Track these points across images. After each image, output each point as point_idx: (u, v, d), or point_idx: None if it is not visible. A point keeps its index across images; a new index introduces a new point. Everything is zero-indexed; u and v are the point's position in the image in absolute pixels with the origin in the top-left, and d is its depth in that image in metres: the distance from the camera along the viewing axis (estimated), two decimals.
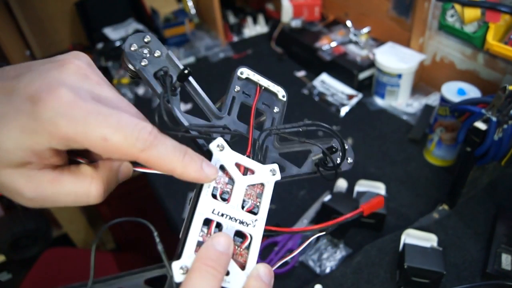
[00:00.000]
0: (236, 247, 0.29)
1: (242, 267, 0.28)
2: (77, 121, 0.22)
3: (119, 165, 0.28)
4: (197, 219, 0.28)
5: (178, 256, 0.26)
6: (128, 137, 0.23)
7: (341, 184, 0.82)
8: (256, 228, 0.30)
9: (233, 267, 0.27)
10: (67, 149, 0.24)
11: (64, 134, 0.22)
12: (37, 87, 0.23)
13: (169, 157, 0.25)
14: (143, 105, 1.17)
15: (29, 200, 0.24)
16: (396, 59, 0.99)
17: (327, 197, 0.74)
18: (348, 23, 1.20)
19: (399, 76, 0.99)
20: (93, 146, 0.23)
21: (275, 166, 0.32)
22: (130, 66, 0.30)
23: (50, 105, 0.22)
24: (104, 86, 0.26)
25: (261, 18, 1.48)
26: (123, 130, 0.23)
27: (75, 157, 0.27)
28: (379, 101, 1.06)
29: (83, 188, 0.25)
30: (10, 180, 0.23)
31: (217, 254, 0.26)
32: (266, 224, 0.31)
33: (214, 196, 0.29)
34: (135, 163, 0.28)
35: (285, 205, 0.81)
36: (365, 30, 1.15)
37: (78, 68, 0.25)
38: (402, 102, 1.05)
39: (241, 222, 0.29)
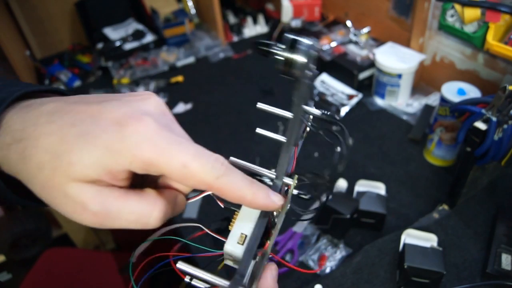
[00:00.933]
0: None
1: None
2: (162, 148, 0.24)
3: (176, 196, 0.29)
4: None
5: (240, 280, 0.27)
6: (204, 165, 0.25)
7: (341, 184, 0.82)
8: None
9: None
10: (144, 173, 0.25)
11: (147, 159, 0.24)
12: (123, 113, 0.25)
13: (239, 185, 0.26)
14: None
15: (93, 215, 0.25)
16: (396, 59, 0.99)
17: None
18: (348, 23, 1.20)
19: (399, 76, 0.99)
20: (172, 172, 0.25)
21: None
22: (302, 59, 0.27)
23: (136, 130, 0.24)
24: (176, 123, 0.29)
25: (261, 18, 1.48)
26: (201, 159, 0.25)
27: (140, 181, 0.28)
28: (379, 101, 1.06)
29: (147, 208, 0.26)
30: (78, 192, 0.24)
31: (274, 284, 0.28)
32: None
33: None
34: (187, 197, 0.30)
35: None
36: (365, 30, 1.15)
37: (158, 103, 0.28)
38: (402, 102, 1.05)
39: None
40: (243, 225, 0.29)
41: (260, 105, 0.33)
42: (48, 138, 0.25)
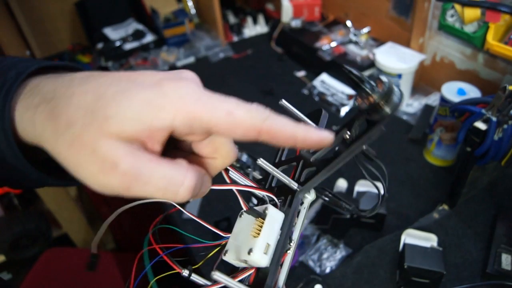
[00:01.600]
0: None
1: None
2: (204, 100, 0.24)
3: (204, 175, 0.27)
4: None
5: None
6: (249, 110, 0.24)
7: (341, 184, 0.82)
8: None
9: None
10: (186, 130, 0.24)
11: (192, 111, 0.23)
12: (161, 77, 0.25)
13: (289, 124, 0.25)
14: None
15: (122, 175, 0.22)
16: (396, 59, 0.99)
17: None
18: (348, 23, 1.20)
19: (399, 76, 0.99)
20: (218, 122, 0.24)
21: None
22: (388, 110, 0.27)
23: (177, 87, 0.24)
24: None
25: (261, 18, 1.48)
26: (244, 105, 0.24)
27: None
28: None
29: (179, 175, 0.24)
30: (110, 148, 0.22)
31: None
32: None
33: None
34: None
35: None
36: (365, 30, 1.15)
37: (193, 74, 0.27)
38: (402, 102, 1.04)
39: None
40: (269, 234, 0.29)
41: (283, 102, 0.33)
42: (83, 96, 0.23)
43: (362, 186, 0.79)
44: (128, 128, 0.23)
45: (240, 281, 0.27)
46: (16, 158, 0.25)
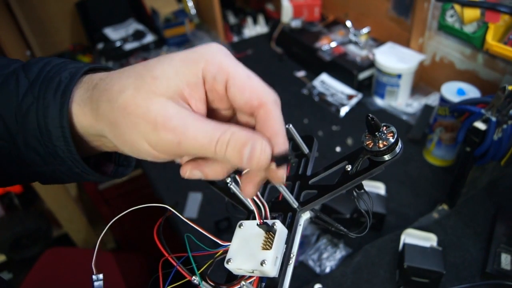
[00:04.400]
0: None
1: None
2: (231, 60, 0.27)
3: (256, 137, 0.28)
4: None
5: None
6: (266, 86, 0.28)
7: None
8: None
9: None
10: (213, 80, 0.27)
11: (219, 61, 0.26)
12: (190, 50, 0.28)
13: (281, 120, 0.28)
14: None
15: (172, 131, 0.25)
16: (396, 59, 0.99)
17: None
18: (348, 23, 1.20)
19: (399, 76, 0.99)
20: (240, 78, 0.27)
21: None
22: (388, 157, 0.33)
23: (208, 46, 0.27)
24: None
25: (261, 18, 1.48)
26: (258, 79, 0.28)
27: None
28: (379, 101, 1.07)
29: (220, 132, 0.25)
30: (162, 106, 0.25)
31: None
32: None
33: None
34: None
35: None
36: (365, 30, 1.15)
37: (219, 45, 0.29)
38: (402, 102, 1.05)
39: None
40: (278, 248, 0.31)
41: (291, 127, 0.36)
42: (132, 69, 0.28)
43: None
44: (172, 84, 0.26)
45: None
46: (69, 152, 0.29)
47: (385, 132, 0.32)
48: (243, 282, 0.30)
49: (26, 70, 0.30)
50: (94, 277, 0.31)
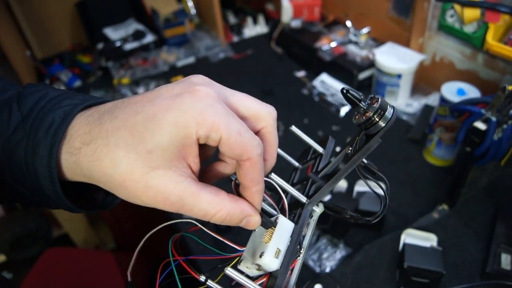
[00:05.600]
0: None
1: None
2: (221, 114, 0.26)
3: (246, 211, 0.31)
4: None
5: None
6: (254, 139, 0.28)
7: (341, 184, 0.82)
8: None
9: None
10: (205, 140, 0.27)
11: (211, 122, 0.26)
12: (179, 89, 0.27)
13: (261, 174, 0.29)
14: None
15: (171, 204, 0.27)
16: (396, 59, 0.99)
17: (327, 197, 0.75)
18: (348, 23, 1.20)
19: (399, 76, 0.99)
20: (230, 137, 0.26)
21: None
22: (382, 123, 0.31)
23: (196, 100, 0.26)
24: (224, 87, 0.31)
25: (261, 18, 1.48)
26: (252, 133, 0.28)
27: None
28: None
29: (214, 209, 0.28)
30: (160, 182, 0.26)
31: None
32: None
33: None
34: None
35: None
36: (365, 30, 1.15)
37: (203, 76, 0.30)
38: (402, 102, 1.05)
39: None
40: (279, 240, 0.31)
41: (294, 129, 0.37)
42: (117, 133, 0.26)
43: (362, 186, 0.79)
44: (168, 154, 0.26)
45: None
46: (55, 192, 0.28)
47: (369, 101, 0.31)
48: (228, 269, 0.29)
49: (20, 102, 0.29)
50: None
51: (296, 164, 0.41)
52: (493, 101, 0.60)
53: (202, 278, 0.30)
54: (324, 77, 1.15)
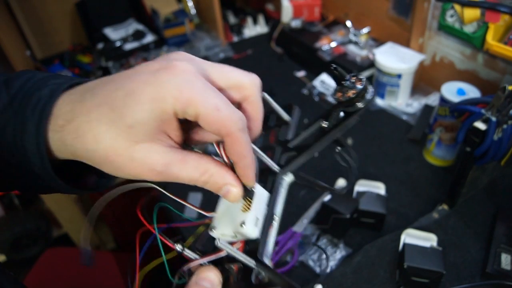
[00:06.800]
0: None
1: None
2: (198, 89, 0.26)
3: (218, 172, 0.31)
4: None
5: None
6: (234, 113, 0.27)
7: (341, 184, 0.82)
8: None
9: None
10: (183, 115, 0.27)
11: (187, 98, 0.26)
12: (158, 65, 0.27)
13: (249, 146, 0.29)
14: None
15: (157, 174, 0.28)
16: (396, 59, 0.99)
17: (327, 197, 0.75)
18: (348, 23, 1.20)
19: (399, 76, 0.99)
20: (207, 113, 0.26)
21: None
22: (361, 105, 0.33)
23: (174, 75, 0.26)
24: (206, 61, 0.31)
25: (261, 18, 1.48)
26: (231, 107, 0.27)
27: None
28: (379, 101, 1.07)
29: (197, 175, 0.29)
30: (145, 154, 0.27)
31: None
32: None
33: None
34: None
35: (285, 205, 0.81)
36: (365, 30, 1.15)
37: (185, 53, 0.30)
38: (402, 102, 1.05)
39: None
40: (258, 209, 0.32)
41: (265, 95, 0.37)
42: (98, 109, 0.26)
43: (362, 186, 0.79)
44: (148, 129, 0.26)
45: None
46: (44, 169, 0.29)
47: (353, 80, 0.32)
48: (220, 241, 0.30)
49: (8, 85, 0.30)
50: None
51: None
52: (493, 101, 0.60)
53: (179, 247, 0.31)
54: (324, 77, 1.15)
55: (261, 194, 0.33)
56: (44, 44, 1.41)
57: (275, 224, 0.34)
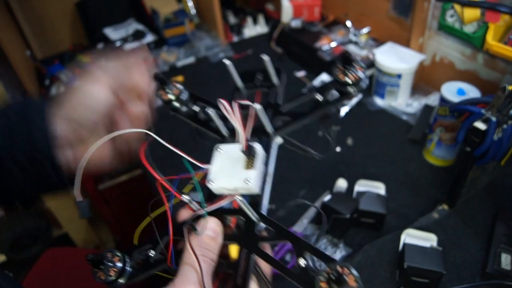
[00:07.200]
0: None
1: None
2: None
3: None
4: None
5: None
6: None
7: (341, 184, 0.82)
8: None
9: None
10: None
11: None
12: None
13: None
14: None
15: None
16: (396, 59, 0.99)
17: (327, 197, 0.74)
18: (348, 23, 1.20)
19: (399, 76, 0.99)
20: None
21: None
22: (354, 91, 0.37)
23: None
24: None
25: (261, 18, 1.48)
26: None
27: None
28: (379, 101, 1.07)
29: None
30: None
31: (207, 241, 0.32)
32: None
33: None
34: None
35: (285, 201, 0.81)
36: (365, 30, 1.15)
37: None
38: (402, 102, 1.05)
39: None
40: (259, 167, 0.35)
41: (267, 60, 0.41)
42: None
43: (362, 186, 0.79)
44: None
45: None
46: (47, 147, 0.39)
47: (356, 67, 0.37)
48: (237, 196, 0.32)
49: (10, 107, 0.40)
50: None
51: (240, 84, 0.45)
52: (493, 101, 0.60)
53: (185, 198, 0.33)
54: (324, 77, 1.15)
55: (261, 153, 0.35)
56: (44, 44, 1.41)
57: (270, 181, 0.36)
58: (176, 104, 0.41)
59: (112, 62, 0.42)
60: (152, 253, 0.35)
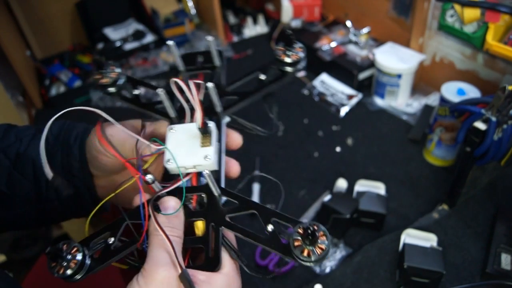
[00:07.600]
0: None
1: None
2: None
3: None
4: None
5: None
6: None
7: (341, 184, 0.82)
8: None
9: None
10: None
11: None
12: None
13: None
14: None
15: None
16: (396, 59, 0.99)
17: (327, 197, 0.75)
18: (348, 23, 1.20)
19: (399, 76, 0.99)
20: None
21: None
22: (292, 70, 0.41)
23: None
24: None
25: (261, 18, 1.48)
26: None
27: None
28: (379, 101, 1.07)
29: None
30: None
31: (170, 219, 0.33)
32: None
33: None
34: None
35: (285, 205, 0.81)
36: (365, 30, 1.15)
37: None
38: (402, 102, 1.05)
39: None
40: (214, 144, 0.37)
41: (211, 40, 0.43)
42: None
43: (362, 186, 0.79)
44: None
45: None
46: (82, 169, 0.43)
47: (297, 47, 0.39)
48: (206, 171, 0.33)
49: (50, 129, 0.40)
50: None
51: (181, 67, 0.46)
52: (493, 101, 0.60)
53: (149, 178, 0.34)
54: (324, 77, 1.15)
55: (215, 131, 0.37)
56: (44, 44, 1.41)
57: (223, 156, 0.38)
58: (112, 89, 0.43)
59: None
60: (111, 240, 0.35)
